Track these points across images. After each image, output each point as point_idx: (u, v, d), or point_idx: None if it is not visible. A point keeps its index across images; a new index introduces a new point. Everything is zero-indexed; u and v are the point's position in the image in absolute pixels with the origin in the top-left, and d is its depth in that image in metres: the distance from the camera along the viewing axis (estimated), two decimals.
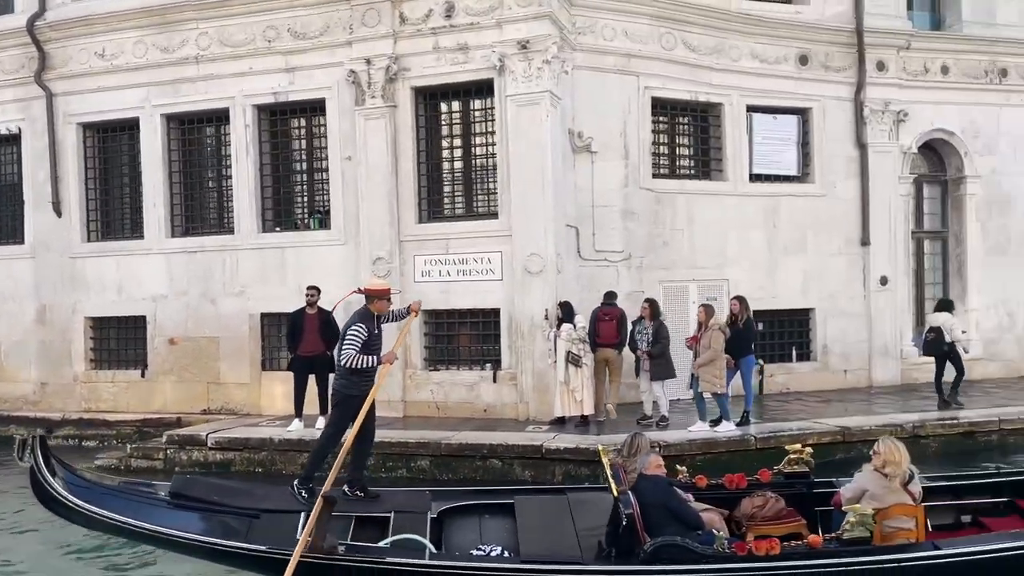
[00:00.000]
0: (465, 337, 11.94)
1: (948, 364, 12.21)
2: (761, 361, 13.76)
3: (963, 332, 12.72)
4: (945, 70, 15.03)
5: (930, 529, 7.22)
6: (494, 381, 11.57)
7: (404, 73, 11.92)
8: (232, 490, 7.17)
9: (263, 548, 6.03)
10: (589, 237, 12.73)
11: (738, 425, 10.56)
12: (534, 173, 11.33)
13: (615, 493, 6.64)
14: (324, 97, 12.40)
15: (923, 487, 7.35)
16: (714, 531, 6.33)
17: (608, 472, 6.96)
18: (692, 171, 13.91)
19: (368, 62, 11.87)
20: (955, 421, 11.00)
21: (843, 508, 6.49)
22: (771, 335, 14.08)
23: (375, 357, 6.84)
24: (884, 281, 14.48)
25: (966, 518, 7.25)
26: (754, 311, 13.57)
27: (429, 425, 11.12)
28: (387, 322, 7.55)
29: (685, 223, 13.40)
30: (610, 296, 11.77)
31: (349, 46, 12.04)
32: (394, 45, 11.85)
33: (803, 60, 14.13)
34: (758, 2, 14.03)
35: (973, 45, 15.08)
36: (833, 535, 6.27)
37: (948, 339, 12.06)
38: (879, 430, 10.43)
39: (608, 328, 11.24)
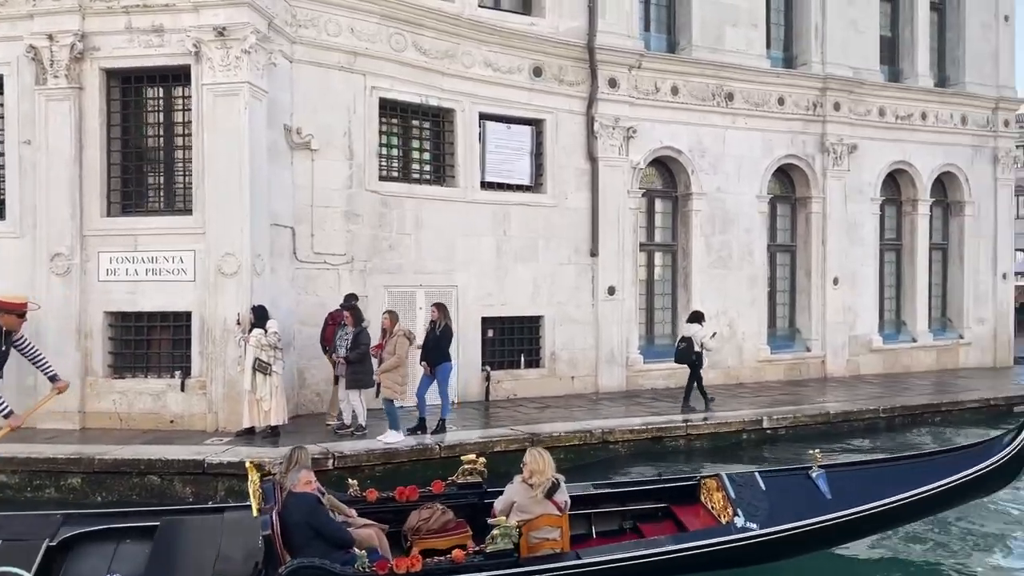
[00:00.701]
0: (154, 342, 11.06)
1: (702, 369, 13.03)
2: (488, 368, 13.81)
3: (711, 336, 13.39)
4: (675, 91, 15.73)
5: (595, 535, 7.39)
6: (183, 390, 10.76)
7: (93, 53, 10.91)
8: None
9: None
10: (307, 238, 12.23)
11: (434, 433, 10.41)
12: (231, 168, 10.67)
13: (255, 512, 6.25)
14: (2, 74, 11.15)
15: (589, 494, 7.52)
16: (356, 551, 6.07)
17: (251, 489, 6.53)
18: (424, 176, 13.71)
19: (51, 38, 10.75)
20: (643, 427, 11.38)
21: (490, 521, 6.45)
22: (500, 341, 14.10)
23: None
24: (612, 291, 14.90)
25: (628, 524, 7.46)
26: (483, 317, 13.80)
27: (108, 438, 10.13)
28: (16, 348, 6.77)
29: (413, 228, 13.17)
30: (349, 298, 11.33)
31: (31, 19, 10.87)
32: (82, 21, 10.82)
33: (537, 72, 14.31)
34: (491, 11, 14.07)
35: (701, 68, 15.85)
36: (477, 548, 6.21)
37: (697, 348, 12.84)
38: (569, 435, 10.68)
39: (332, 333, 10.95)
